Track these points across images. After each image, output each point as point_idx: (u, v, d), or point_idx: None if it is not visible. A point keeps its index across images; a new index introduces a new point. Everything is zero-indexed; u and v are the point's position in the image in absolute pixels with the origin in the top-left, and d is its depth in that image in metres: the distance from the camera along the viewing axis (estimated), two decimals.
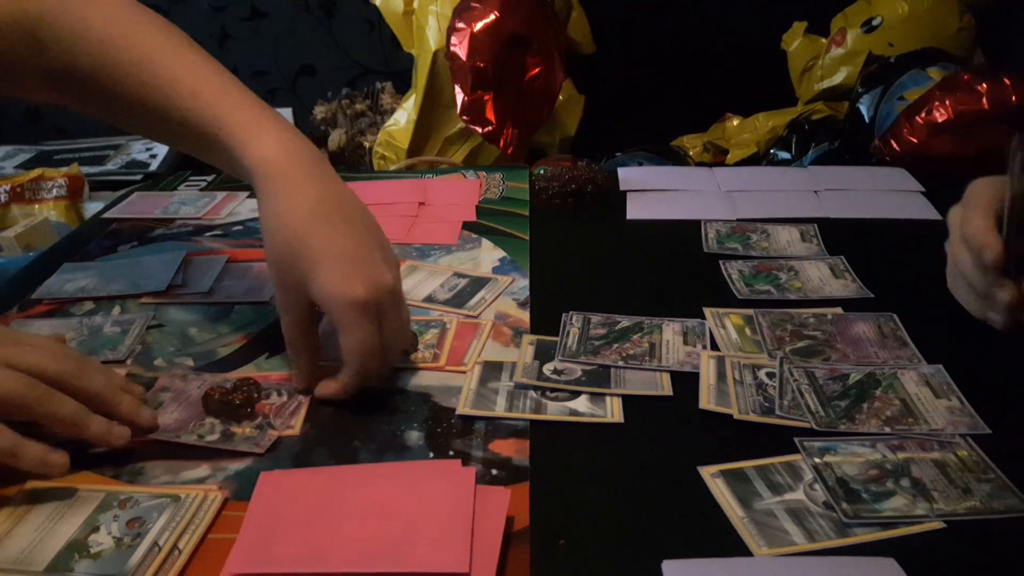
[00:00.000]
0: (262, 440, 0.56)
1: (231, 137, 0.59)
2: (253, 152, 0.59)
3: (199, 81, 0.61)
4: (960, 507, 0.48)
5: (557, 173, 0.97)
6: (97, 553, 0.46)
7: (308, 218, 0.57)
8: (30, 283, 0.79)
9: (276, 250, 0.57)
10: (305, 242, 0.56)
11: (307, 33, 2.18)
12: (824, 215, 0.90)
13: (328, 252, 0.56)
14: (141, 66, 0.61)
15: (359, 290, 0.54)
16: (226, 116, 0.60)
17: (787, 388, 0.59)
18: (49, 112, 2.28)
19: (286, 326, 0.59)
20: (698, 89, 2.00)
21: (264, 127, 0.60)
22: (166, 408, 0.58)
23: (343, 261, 0.56)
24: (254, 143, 0.59)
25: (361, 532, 0.46)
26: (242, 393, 0.58)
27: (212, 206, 0.96)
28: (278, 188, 0.58)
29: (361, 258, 0.56)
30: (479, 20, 1.54)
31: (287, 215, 0.57)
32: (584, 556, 0.46)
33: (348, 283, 0.55)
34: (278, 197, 0.57)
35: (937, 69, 1.40)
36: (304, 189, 0.58)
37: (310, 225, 0.56)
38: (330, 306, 0.55)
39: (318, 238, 0.56)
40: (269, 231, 0.58)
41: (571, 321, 0.69)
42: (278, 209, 0.57)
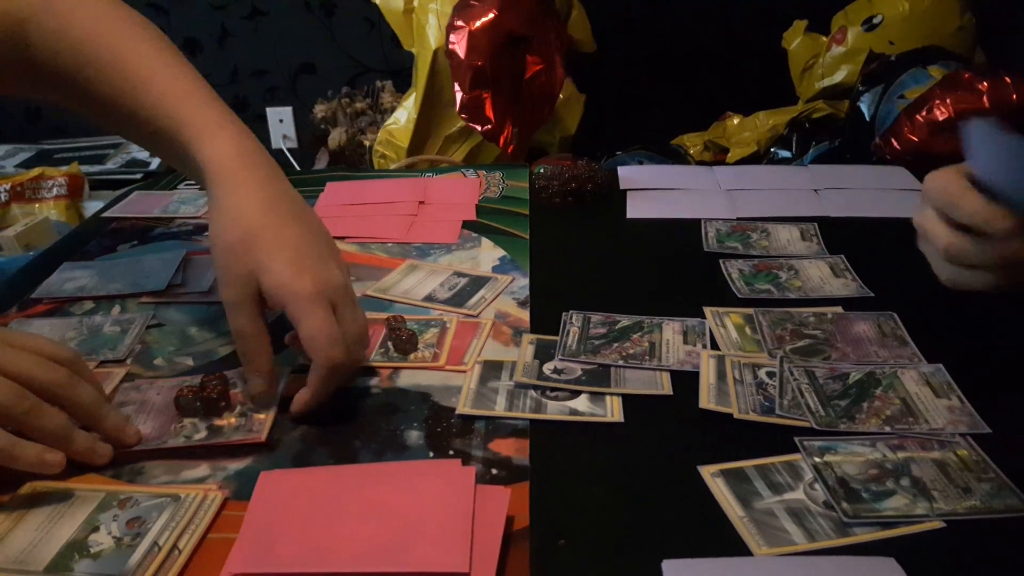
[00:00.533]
0: (253, 426, 0.56)
1: (190, 137, 0.61)
2: (209, 150, 0.60)
3: (168, 82, 0.63)
4: (960, 507, 0.48)
5: (557, 172, 0.97)
6: (97, 553, 0.46)
7: (261, 213, 0.58)
8: (30, 282, 0.79)
9: (228, 242, 0.57)
10: (259, 235, 0.57)
11: (307, 32, 2.18)
12: (824, 214, 0.90)
13: (281, 246, 0.57)
14: (116, 65, 0.63)
15: (308, 283, 0.56)
16: (187, 117, 0.61)
17: (787, 387, 0.59)
18: (49, 111, 2.28)
19: (238, 323, 0.57)
20: (698, 88, 2.00)
21: (222, 128, 0.61)
22: (135, 422, 0.57)
23: (295, 256, 0.57)
24: (211, 142, 0.60)
25: (361, 532, 0.46)
26: (215, 387, 0.58)
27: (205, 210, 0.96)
28: (232, 185, 0.59)
29: (313, 255, 0.58)
30: (478, 18, 1.54)
31: (240, 209, 0.58)
32: (584, 556, 0.46)
33: (299, 276, 0.56)
34: (232, 193, 0.59)
35: (938, 67, 1.40)
36: (258, 187, 0.59)
37: (263, 220, 0.58)
38: (283, 297, 0.55)
39: (271, 232, 0.57)
40: (221, 224, 0.58)
41: (571, 320, 0.69)
42: (231, 203, 0.58)
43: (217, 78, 2.25)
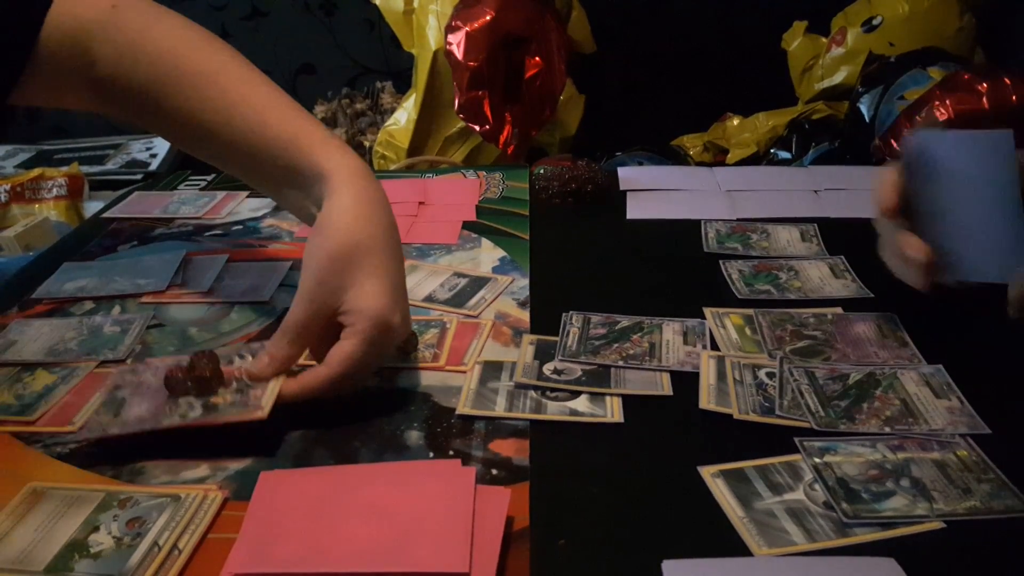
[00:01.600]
0: (249, 400, 0.55)
1: (311, 145, 0.61)
2: (338, 157, 0.61)
3: (267, 100, 0.63)
4: (960, 507, 0.48)
5: (557, 173, 0.97)
6: (97, 553, 0.46)
7: (377, 232, 0.58)
8: (30, 283, 0.79)
9: (339, 243, 0.57)
10: (372, 251, 0.57)
11: (307, 32, 2.18)
12: (824, 215, 0.90)
13: (387, 273, 0.57)
14: (207, 79, 0.63)
15: (397, 319, 0.57)
16: (301, 132, 0.62)
17: (787, 388, 0.59)
18: (49, 112, 2.28)
19: (300, 313, 0.57)
20: (698, 89, 1.99)
21: (338, 145, 0.62)
22: (130, 405, 0.57)
23: (394, 288, 0.58)
24: (337, 152, 0.61)
25: (361, 532, 0.46)
26: (205, 366, 0.57)
27: (212, 205, 0.96)
28: (360, 193, 0.59)
29: (404, 296, 0.59)
30: (475, 19, 1.54)
31: (368, 217, 0.58)
32: (584, 556, 0.46)
33: (391, 308, 0.56)
34: (359, 200, 0.59)
35: (937, 69, 1.40)
36: (381, 207, 0.60)
37: (375, 240, 0.58)
38: (363, 314, 0.56)
39: (385, 254, 0.58)
40: (338, 224, 0.58)
41: (571, 321, 0.69)
42: (358, 211, 0.58)
43: None
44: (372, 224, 0.58)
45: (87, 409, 0.60)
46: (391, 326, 0.56)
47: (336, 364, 0.56)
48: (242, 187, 1.00)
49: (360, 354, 0.56)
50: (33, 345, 0.68)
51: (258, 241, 0.87)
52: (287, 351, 0.58)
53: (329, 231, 0.58)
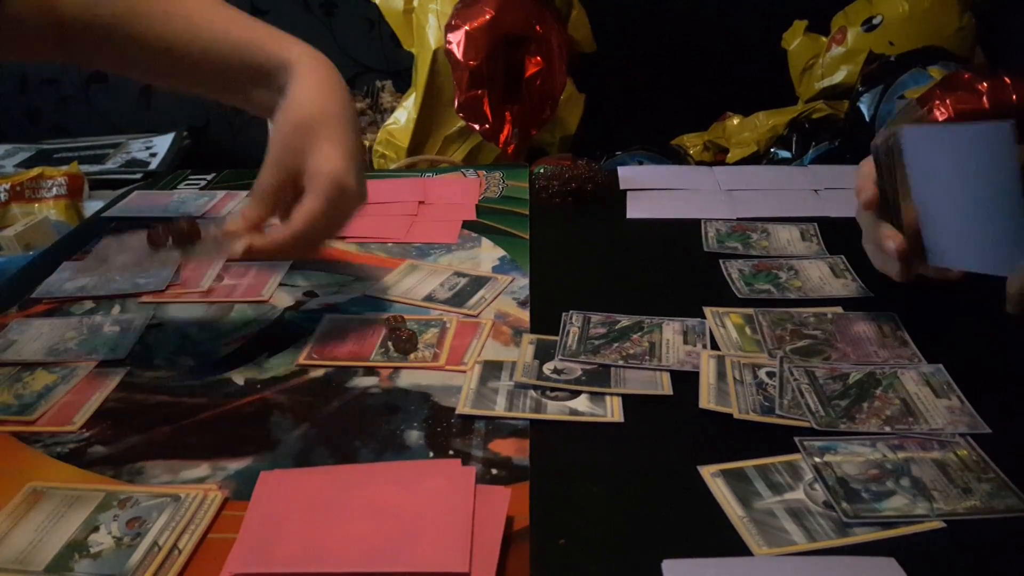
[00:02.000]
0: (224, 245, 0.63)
1: (272, 46, 0.68)
2: (297, 49, 0.68)
3: (226, 13, 0.71)
4: (960, 507, 0.48)
5: (557, 172, 0.97)
6: (97, 553, 0.46)
7: (333, 107, 0.65)
8: (30, 282, 0.79)
9: (302, 114, 0.64)
10: (330, 122, 0.64)
11: (306, 32, 2.17)
12: (824, 214, 0.90)
13: (344, 141, 0.64)
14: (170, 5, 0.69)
15: (352, 181, 0.63)
16: (263, 35, 0.70)
17: (787, 388, 0.59)
18: (49, 111, 2.28)
19: (268, 177, 0.64)
20: (698, 88, 1.99)
21: (295, 40, 0.70)
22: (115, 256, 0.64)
23: (350, 154, 0.64)
24: (296, 45, 0.69)
25: (361, 532, 0.46)
26: (186, 222, 0.65)
27: (212, 205, 0.96)
28: (316, 78, 0.66)
29: (360, 163, 0.65)
30: (475, 18, 1.54)
31: (317, 96, 0.65)
32: (584, 556, 0.46)
33: (347, 170, 0.63)
34: (319, 81, 0.66)
35: (938, 68, 1.40)
36: (336, 86, 0.67)
37: (340, 113, 0.65)
38: (322, 175, 0.62)
39: (342, 125, 0.65)
40: (298, 101, 0.65)
41: (571, 320, 0.68)
42: (311, 89, 0.65)
43: None
44: (330, 100, 0.65)
45: (87, 409, 0.60)
46: (347, 186, 0.62)
47: (299, 221, 0.62)
48: (242, 187, 1.00)
49: (320, 211, 0.62)
50: (33, 345, 0.68)
51: None
52: (258, 211, 0.64)
53: (294, 106, 0.65)
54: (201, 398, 0.61)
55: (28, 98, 2.26)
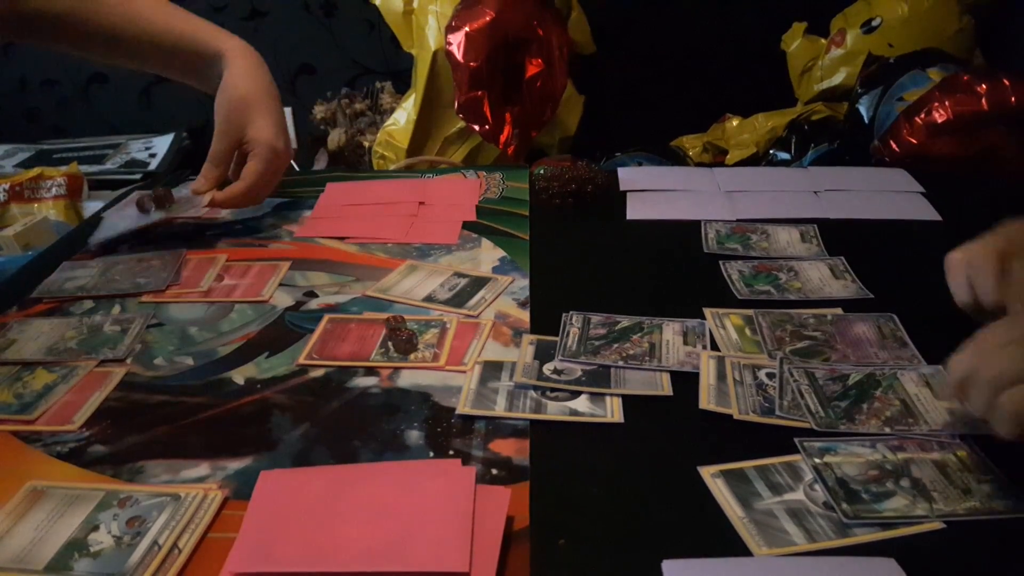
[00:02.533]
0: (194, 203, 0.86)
1: (211, 35, 0.87)
2: (230, 42, 0.87)
3: (168, 9, 0.88)
4: (960, 507, 0.48)
5: (557, 173, 0.97)
6: (97, 552, 0.46)
7: (261, 89, 0.86)
8: (29, 282, 0.79)
9: (239, 94, 0.85)
10: (262, 99, 0.85)
11: (306, 33, 2.18)
12: (824, 216, 0.90)
13: (274, 114, 0.86)
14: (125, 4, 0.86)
15: (282, 144, 0.87)
16: (200, 29, 0.88)
17: (787, 389, 0.59)
18: (48, 111, 2.28)
19: (218, 145, 0.86)
20: (698, 89, 1.99)
21: (228, 34, 0.88)
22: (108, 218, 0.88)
23: (279, 125, 0.86)
24: (228, 38, 0.88)
25: (361, 531, 0.46)
26: (163, 188, 0.87)
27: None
28: (246, 66, 0.86)
29: (286, 130, 0.88)
30: (475, 20, 1.54)
31: (249, 81, 0.85)
32: (584, 556, 0.46)
33: (277, 136, 0.86)
34: (246, 72, 0.85)
35: (937, 70, 1.40)
36: (262, 72, 0.88)
37: (267, 92, 0.86)
38: (260, 143, 0.84)
39: (270, 102, 0.86)
40: (233, 84, 0.84)
41: (571, 321, 0.69)
42: (243, 75, 0.85)
43: None
44: (258, 82, 0.86)
45: (87, 408, 0.60)
46: (279, 149, 0.86)
47: (247, 177, 0.85)
48: None
49: (261, 169, 0.85)
50: (33, 344, 0.68)
51: (257, 240, 0.87)
52: (214, 172, 0.87)
53: (231, 89, 0.85)
54: (201, 398, 0.61)
55: (28, 98, 2.26)
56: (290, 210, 0.95)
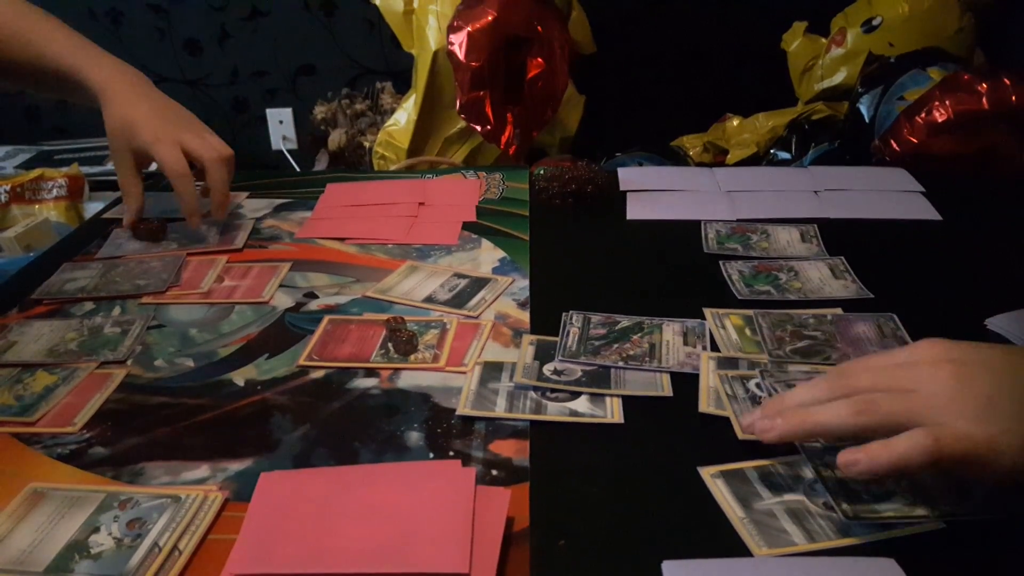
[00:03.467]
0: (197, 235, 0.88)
1: (82, 73, 0.86)
2: (104, 74, 0.87)
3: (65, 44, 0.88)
4: (960, 507, 0.48)
5: (557, 173, 0.97)
6: (97, 554, 0.46)
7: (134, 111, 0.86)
8: (30, 283, 0.79)
9: (120, 126, 0.85)
10: (135, 123, 0.85)
11: (307, 33, 2.18)
12: (824, 215, 0.90)
13: (143, 120, 0.85)
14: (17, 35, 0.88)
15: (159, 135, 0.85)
16: (81, 58, 0.87)
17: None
18: (49, 112, 2.28)
19: (122, 175, 0.88)
20: (698, 89, 2.00)
21: (102, 60, 0.88)
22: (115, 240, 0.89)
23: (150, 125, 0.86)
24: (100, 72, 0.87)
25: (361, 532, 0.46)
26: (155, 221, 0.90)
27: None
28: (116, 96, 0.86)
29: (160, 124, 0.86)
30: (477, 20, 1.54)
31: (128, 107, 0.86)
32: (584, 556, 0.46)
33: (153, 133, 0.85)
34: (118, 102, 0.86)
35: (937, 69, 1.40)
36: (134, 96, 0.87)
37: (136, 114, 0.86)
38: (146, 145, 0.85)
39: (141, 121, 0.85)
40: (116, 116, 0.85)
41: (571, 321, 0.69)
42: (117, 108, 0.86)
43: (217, 79, 2.25)
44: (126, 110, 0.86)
45: (88, 410, 0.60)
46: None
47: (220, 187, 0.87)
48: (241, 187, 1.00)
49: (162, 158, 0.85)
50: (33, 346, 0.68)
51: (256, 242, 0.87)
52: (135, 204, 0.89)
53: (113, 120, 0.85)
54: (201, 399, 0.61)
55: (28, 99, 2.26)
56: (290, 211, 0.95)
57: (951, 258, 0.81)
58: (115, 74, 0.87)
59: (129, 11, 2.14)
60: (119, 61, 0.89)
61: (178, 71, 2.23)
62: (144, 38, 2.17)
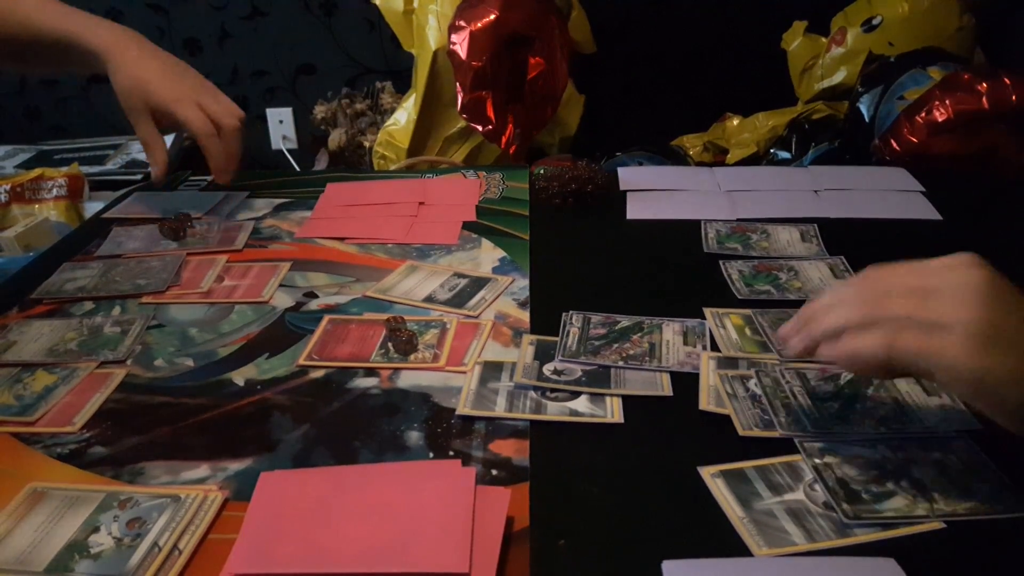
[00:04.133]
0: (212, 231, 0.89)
1: (82, 37, 0.87)
2: (103, 36, 0.88)
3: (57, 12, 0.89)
4: (960, 507, 0.48)
5: (557, 173, 0.97)
6: (97, 553, 0.46)
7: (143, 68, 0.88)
8: (30, 283, 0.79)
9: (133, 85, 0.87)
10: (146, 80, 0.88)
11: (307, 32, 2.18)
12: (824, 215, 0.90)
13: (157, 79, 0.88)
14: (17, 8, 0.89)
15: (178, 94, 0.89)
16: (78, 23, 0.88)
17: (776, 404, 0.57)
18: (49, 111, 2.28)
19: (140, 133, 0.90)
20: (698, 89, 1.99)
21: (101, 23, 0.89)
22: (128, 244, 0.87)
23: (166, 83, 0.88)
24: (96, 32, 0.88)
25: (361, 532, 0.46)
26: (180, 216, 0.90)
27: (212, 206, 0.96)
28: (122, 56, 0.88)
29: (176, 82, 0.90)
30: (479, 19, 1.54)
31: (129, 68, 0.87)
32: (584, 556, 0.46)
33: (172, 92, 0.88)
34: (125, 63, 0.88)
35: (937, 68, 1.40)
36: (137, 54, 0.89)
37: (145, 72, 0.88)
38: (166, 104, 0.88)
39: (150, 78, 0.88)
40: (122, 79, 0.87)
41: (571, 321, 0.69)
42: (124, 67, 0.87)
43: (217, 78, 2.24)
44: (134, 69, 0.88)
45: (87, 410, 0.60)
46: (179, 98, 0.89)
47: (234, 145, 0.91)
48: (242, 187, 1.00)
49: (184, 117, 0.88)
50: (33, 345, 0.68)
51: (256, 241, 0.87)
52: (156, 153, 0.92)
53: (124, 80, 0.87)
54: (201, 399, 0.61)
55: (28, 98, 2.26)
56: (290, 211, 0.95)
57: None
58: (116, 35, 0.89)
59: (129, 10, 2.14)
60: (115, 23, 0.90)
61: None
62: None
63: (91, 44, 0.87)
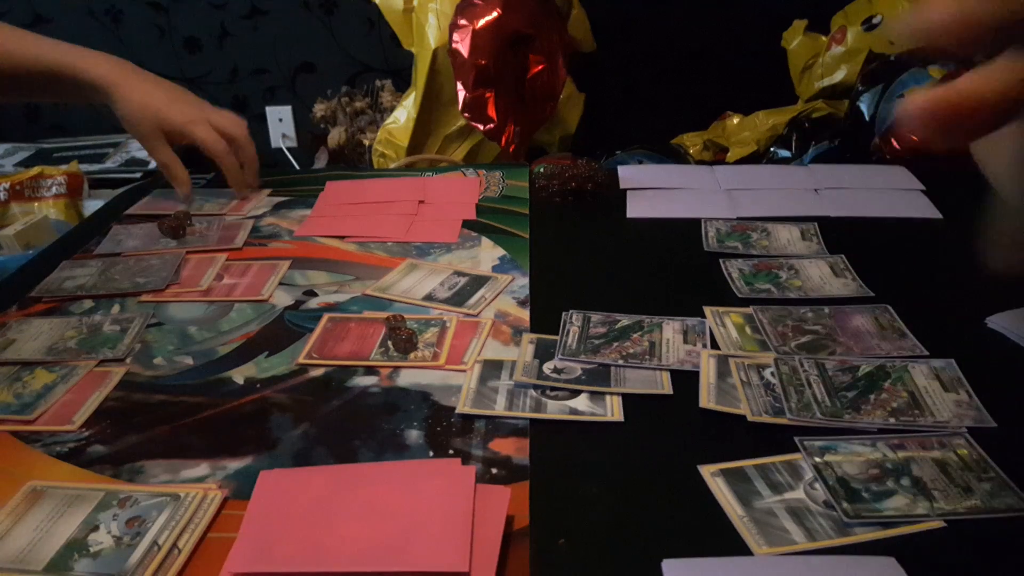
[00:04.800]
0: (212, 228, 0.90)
1: (78, 67, 0.89)
2: (100, 69, 0.90)
3: (37, 44, 0.90)
4: (961, 506, 0.48)
5: (557, 171, 0.97)
6: (97, 552, 0.46)
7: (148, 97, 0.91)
8: (29, 281, 0.79)
9: (143, 114, 0.90)
10: (154, 108, 0.91)
11: (307, 31, 2.18)
12: (824, 214, 0.89)
13: (166, 105, 0.91)
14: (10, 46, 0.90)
15: (189, 116, 0.92)
16: (72, 56, 0.90)
17: (790, 390, 0.58)
18: (48, 110, 2.28)
19: (159, 157, 0.93)
20: (698, 87, 2.00)
21: (95, 55, 0.91)
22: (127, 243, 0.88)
23: (175, 108, 0.92)
24: (97, 66, 0.90)
25: (361, 531, 0.46)
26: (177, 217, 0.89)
27: (231, 205, 0.96)
28: (123, 87, 0.90)
29: (184, 106, 0.93)
30: (481, 17, 1.54)
31: (144, 95, 0.91)
32: (584, 556, 0.46)
33: (183, 115, 0.92)
34: (128, 92, 0.90)
35: (938, 67, 1.40)
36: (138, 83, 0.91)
37: (151, 100, 0.91)
38: (180, 127, 0.92)
39: (156, 104, 0.91)
40: (135, 104, 0.90)
41: (571, 320, 0.68)
42: (127, 98, 0.90)
43: (217, 77, 2.25)
44: (142, 97, 0.90)
45: (87, 408, 0.60)
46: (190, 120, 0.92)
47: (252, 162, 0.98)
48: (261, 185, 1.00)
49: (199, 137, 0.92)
50: (32, 344, 0.68)
51: (257, 240, 0.87)
52: (177, 174, 0.95)
53: (128, 118, 0.91)
54: (201, 397, 0.61)
55: None
56: (289, 209, 0.95)
57: (951, 256, 0.81)
58: (114, 66, 0.91)
59: (129, 9, 2.14)
60: (108, 55, 0.92)
61: (178, 69, 2.23)
62: (144, 36, 2.17)
63: (89, 76, 0.89)
